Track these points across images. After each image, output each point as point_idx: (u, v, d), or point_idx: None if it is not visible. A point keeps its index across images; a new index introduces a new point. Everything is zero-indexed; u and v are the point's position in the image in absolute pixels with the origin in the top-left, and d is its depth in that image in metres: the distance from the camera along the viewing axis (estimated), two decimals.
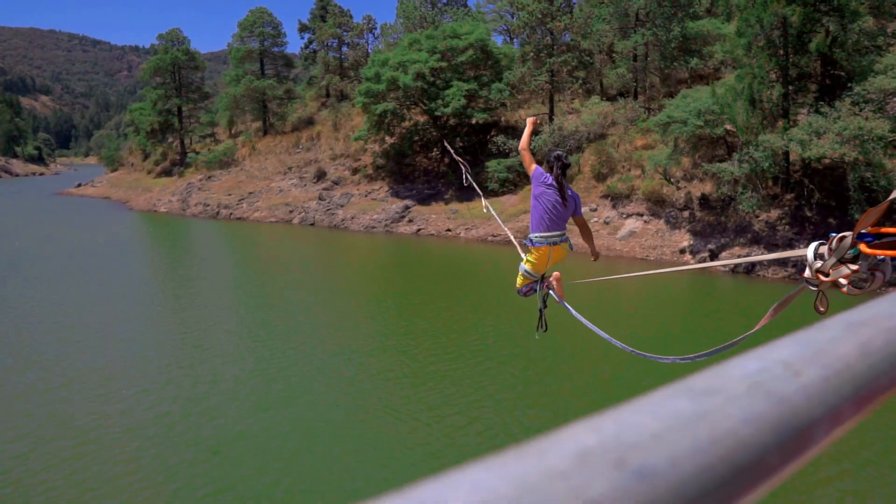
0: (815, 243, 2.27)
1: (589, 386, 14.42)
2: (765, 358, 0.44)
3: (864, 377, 0.46)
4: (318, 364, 15.93)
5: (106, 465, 10.75)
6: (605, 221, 32.32)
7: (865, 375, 0.46)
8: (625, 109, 37.73)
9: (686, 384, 0.40)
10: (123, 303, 22.30)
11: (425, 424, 12.40)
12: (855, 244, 2.08)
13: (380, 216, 40.72)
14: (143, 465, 10.79)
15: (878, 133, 23.49)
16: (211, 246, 38.51)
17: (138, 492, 9.99)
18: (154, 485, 10.20)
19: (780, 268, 25.38)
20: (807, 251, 2.29)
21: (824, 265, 2.19)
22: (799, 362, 0.44)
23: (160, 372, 15.17)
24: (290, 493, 10.09)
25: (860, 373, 0.46)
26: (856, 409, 0.44)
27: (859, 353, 0.48)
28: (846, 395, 0.44)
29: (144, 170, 68.77)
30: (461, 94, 40.59)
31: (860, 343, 0.49)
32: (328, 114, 56.93)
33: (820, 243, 2.25)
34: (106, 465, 10.75)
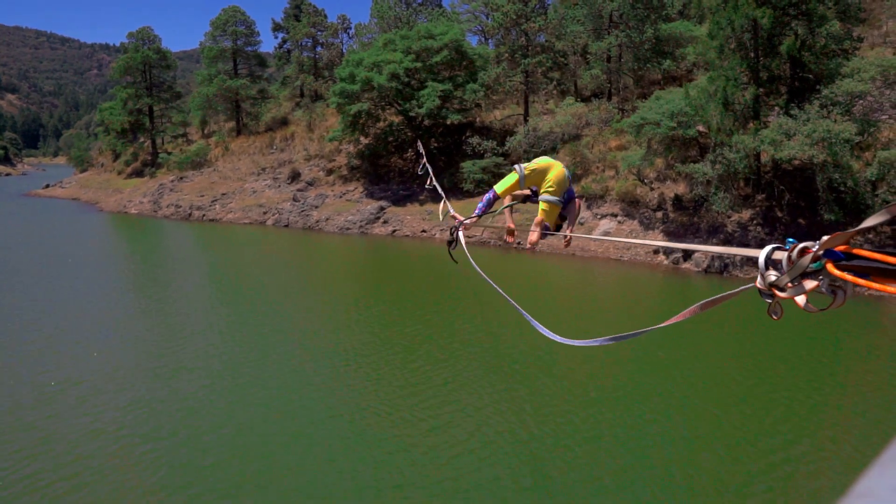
0: (769, 248, 2.01)
1: (572, 383, 14.40)
2: None
3: None
4: (293, 370, 15.72)
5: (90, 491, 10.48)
6: (580, 222, 32.43)
7: None
8: (599, 110, 37.95)
9: None
10: (92, 310, 21.84)
11: (406, 423, 12.28)
12: (818, 259, 1.89)
13: (354, 217, 40.47)
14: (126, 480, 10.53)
15: (846, 135, 23.88)
16: (183, 248, 37.94)
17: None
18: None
19: (752, 268, 25.65)
20: (758, 255, 2.05)
21: (780, 279, 1.98)
22: None
23: (126, 378, 14.85)
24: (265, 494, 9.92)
25: None
26: None
27: None
28: None
29: (115, 170, 67.68)
30: (436, 95, 40.50)
31: None
32: (302, 114, 56.50)
33: (775, 247, 2.01)
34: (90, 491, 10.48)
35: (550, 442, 11.74)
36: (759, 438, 11.77)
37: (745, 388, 14.32)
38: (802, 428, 12.16)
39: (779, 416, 12.70)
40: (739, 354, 16.95)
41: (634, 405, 13.31)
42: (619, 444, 11.65)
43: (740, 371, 15.51)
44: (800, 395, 13.74)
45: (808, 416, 12.72)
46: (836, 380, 14.96)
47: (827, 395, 13.91)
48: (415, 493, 10.15)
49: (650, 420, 12.66)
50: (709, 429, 12.40)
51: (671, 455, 11.25)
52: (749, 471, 10.67)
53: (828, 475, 10.54)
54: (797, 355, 16.51)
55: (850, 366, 16.02)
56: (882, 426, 12.11)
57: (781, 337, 17.93)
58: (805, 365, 15.82)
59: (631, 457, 11.16)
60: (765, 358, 16.39)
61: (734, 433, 12.08)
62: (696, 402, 13.64)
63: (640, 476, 10.52)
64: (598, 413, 12.93)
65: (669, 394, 13.98)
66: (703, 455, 11.31)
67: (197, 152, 56.76)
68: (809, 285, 1.89)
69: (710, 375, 15.30)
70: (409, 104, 41.66)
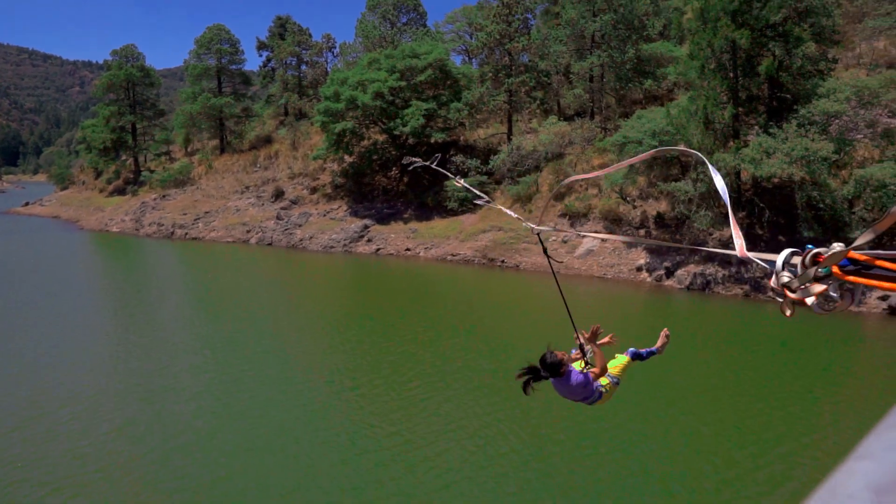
0: (788, 251, 2.18)
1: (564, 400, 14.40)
2: None
3: None
4: (279, 389, 15.60)
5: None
6: (564, 241, 32.61)
7: None
8: (582, 129, 38.31)
9: None
10: (74, 331, 21.58)
11: (390, 435, 12.21)
12: (827, 263, 2.02)
13: (338, 236, 40.40)
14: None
15: (823, 154, 24.30)
16: (166, 267, 37.63)
17: None
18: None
19: (734, 284, 25.91)
20: (777, 259, 2.20)
21: (791, 281, 2.12)
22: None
23: (105, 396, 14.66)
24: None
25: None
26: None
27: None
28: None
29: (96, 188, 67.15)
30: (420, 114, 40.72)
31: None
32: (286, 132, 56.51)
33: (793, 252, 2.17)
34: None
35: (549, 460, 11.72)
36: (747, 444, 11.84)
37: (735, 401, 14.41)
38: (784, 433, 12.26)
39: (763, 424, 12.80)
40: (726, 370, 17.06)
41: (627, 418, 13.35)
42: (616, 455, 11.67)
43: (728, 385, 15.61)
44: (784, 404, 13.86)
45: (786, 423, 12.83)
46: (820, 391, 15.11)
47: (806, 405, 14.04)
48: None
49: (640, 430, 12.69)
50: (702, 438, 12.45)
51: (668, 465, 11.28)
52: (741, 470, 10.72)
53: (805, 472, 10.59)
54: (780, 367, 16.66)
55: (827, 377, 16.19)
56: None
57: (766, 351, 18.09)
58: (784, 376, 15.96)
59: (629, 466, 11.17)
60: (750, 372, 16.52)
61: (725, 441, 12.14)
62: (687, 413, 13.70)
63: (638, 486, 10.53)
64: (594, 427, 12.94)
65: (661, 406, 14.03)
66: (698, 463, 11.35)
67: (180, 170, 56.50)
68: (817, 288, 2.00)
69: (698, 390, 15.38)
70: (393, 123, 41.83)
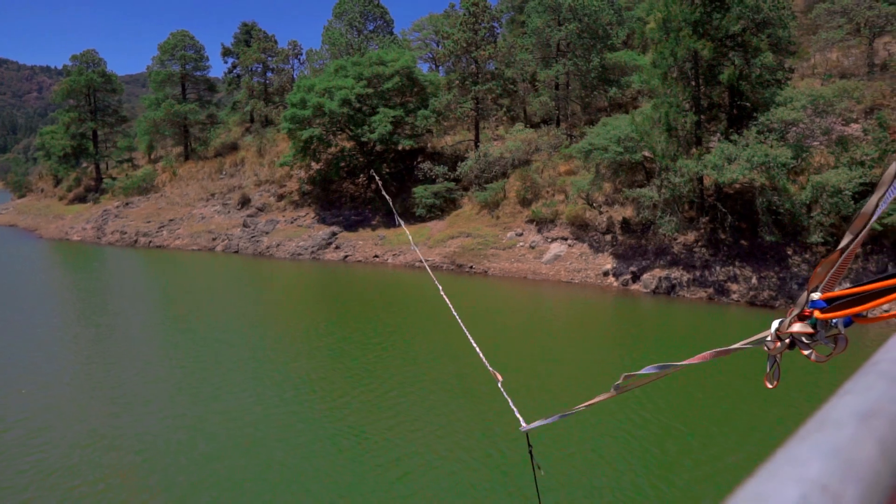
0: (776, 323, 2.42)
1: (538, 403, 14.53)
2: (802, 480, 0.43)
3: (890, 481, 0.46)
4: (249, 397, 15.47)
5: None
6: (531, 246, 32.94)
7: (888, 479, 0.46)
8: (548, 136, 38.78)
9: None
10: (35, 343, 21.09)
11: (356, 446, 12.21)
12: (811, 314, 2.24)
13: (306, 243, 40.18)
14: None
15: (782, 160, 25.03)
16: (131, 276, 36.96)
17: None
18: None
19: (698, 288, 26.45)
20: (771, 326, 2.44)
21: (782, 325, 2.31)
22: (835, 482, 0.43)
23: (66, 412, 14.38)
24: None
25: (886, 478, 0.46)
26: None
27: (878, 453, 0.48)
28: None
29: (56, 196, 65.65)
30: (388, 121, 40.79)
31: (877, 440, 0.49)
32: (252, 139, 56.03)
33: (780, 321, 2.40)
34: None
35: (521, 462, 11.84)
36: (724, 455, 12.11)
37: (704, 399, 14.71)
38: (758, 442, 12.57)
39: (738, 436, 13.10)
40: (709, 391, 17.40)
41: (602, 424, 13.55)
42: (590, 461, 11.83)
43: (695, 384, 15.93)
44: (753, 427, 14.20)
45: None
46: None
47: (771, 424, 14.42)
48: None
49: (617, 437, 12.90)
50: (676, 448, 12.70)
51: (638, 463, 11.48)
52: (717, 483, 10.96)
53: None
54: (744, 366, 17.08)
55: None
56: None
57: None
58: (748, 374, 16.37)
59: (602, 473, 11.34)
60: (715, 372, 16.90)
61: (701, 451, 12.40)
62: (659, 425, 13.95)
63: (613, 489, 10.69)
64: (566, 433, 13.10)
65: (631, 407, 14.27)
66: (672, 473, 11.57)
67: (143, 178, 55.60)
68: (807, 330, 2.22)
69: (666, 390, 15.68)
70: (360, 130, 41.81)
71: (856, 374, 0.66)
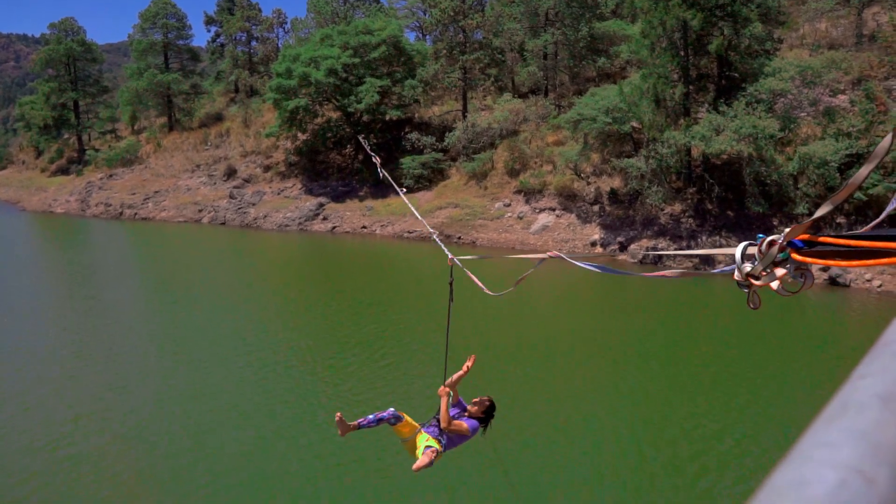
0: (743, 244, 2.40)
1: (532, 371, 14.68)
2: (837, 465, 0.44)
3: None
4: (248, 373, 15.51)
5: None
6: (519, 216, 32.97)
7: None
8: (536, 107, 38.58)
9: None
10: (20, 319, 20.97)
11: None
12: (784, 249, 2.23)
13: (293, 214, 39.98)
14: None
15: (770, 131, 25.10)
16: (117, 248, 36.67)
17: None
18: None
19: (684, 258, 26.63)
20: (735, 251, 2.42)
21: (754, 268, 2.33)
22: (867, 466, 0.44)
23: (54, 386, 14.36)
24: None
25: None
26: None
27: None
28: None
29: (38, 168, 64.68)
30: (374, 91, 40.37)
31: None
32: (237, 110, 55.34)
33: (749, 244, 2.38)
34: None
35: (513, 432, 11.97)
36: (713, 414, 12.33)
37: (690, 368, 14.93)
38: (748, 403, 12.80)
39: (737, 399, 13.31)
40: (693, 341, 17.62)
41: (584, 390, 13.72)
42: (576, 425, 12.01)
43: (680, 351, 16.15)
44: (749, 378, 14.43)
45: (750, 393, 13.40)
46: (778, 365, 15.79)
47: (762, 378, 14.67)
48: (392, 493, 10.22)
49: (599, 400, 13.08)
50: (660, 409, 12.90)
51: (625, 431, 11.67)
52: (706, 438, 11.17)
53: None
54: (729, 336, 17.31)
55: (783, 351, 16.90)
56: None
57: (715, 321, 18.74)
58: (733, 343, 16.60)
59: (586, 435, 11.52)
60: (701, 340, 17.12)
61: (686, 412, 12.61)
62: (646, 385, 14.15)
63: (595, 454, 10.88)
64: (557, 400, 13.26)
65: (621, 375, 14.46)
66: (657, 432, 11.76)
67: (127, 149, 54.85)
68: (780, 272, 2.22)
69: (652, 357, 15.88)
70: (347, 100, 41.39)
71: (868, 355, 0.66)
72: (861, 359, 0.66)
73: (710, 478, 10.36)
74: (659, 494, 9.95)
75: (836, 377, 13.26)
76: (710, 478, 10.36)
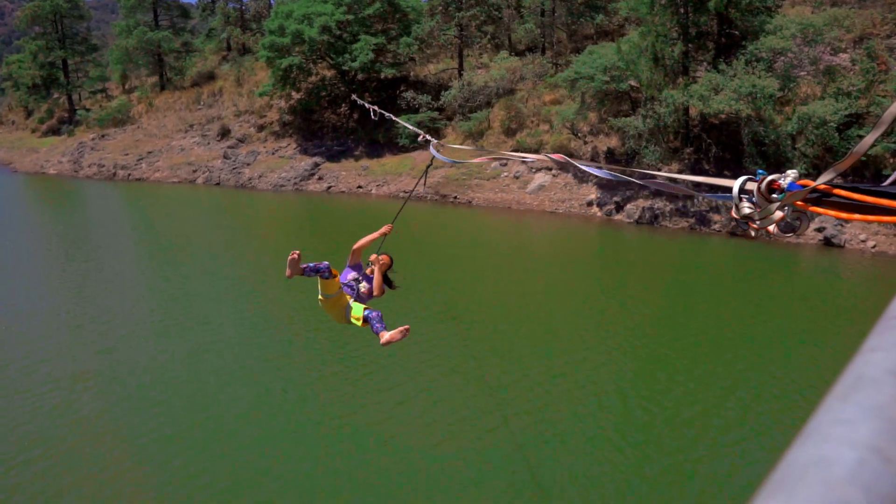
0: (742, 178, 2.32)
1: (524, 329, 14.81)
2: (855, 443, 0.44)
3: None
4: (247, 337, 15.59)
5: None
6: (515, 176, 32.83)
7: None
8: (533, 65, 38.11)
9: (800, 501, 0.39)
10: (18, 280, 20.95)
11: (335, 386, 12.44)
12: (783, 191, 2.21)
13: (288, 174, 39.71)
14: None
15: (769, 90, 24.87)
16: (112, 210, 36.47)
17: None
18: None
19: (680, 218, 26.68)
20: (733, 184, 2.34)
21: (753, 213, 2.29)
22: (886, 444, 0.44)
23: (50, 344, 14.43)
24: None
25: None
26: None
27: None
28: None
29: (28, 128, 63.83)
30: (369, 49, 39.74)
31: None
32: (230, 68, 54.46)
33: (748, 178, 2.30)
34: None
35: (509, 391, 12.13)
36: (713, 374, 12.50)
37: (687, 327, 15.08)
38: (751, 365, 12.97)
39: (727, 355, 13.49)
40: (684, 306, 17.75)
41: (582, 351, 13.87)
42: (578, 380, 12.18)
43: (677, 312, 16.29)
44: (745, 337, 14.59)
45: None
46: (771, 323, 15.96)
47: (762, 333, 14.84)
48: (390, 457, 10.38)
49: (599, 360, 13.24)
50: (652, 370, 13.07)
51: (622, 393, 11.84)
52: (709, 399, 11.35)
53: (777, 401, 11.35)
54: (725, 296, 17.45)
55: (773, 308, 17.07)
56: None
57: (711, 281, 18.86)
58: (729, 303, 16.75)
59: (582, 398, 11.69)
60: (697, 300, 17.26)
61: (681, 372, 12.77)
62: (633, 347, 14.30)
63: (595, 416, 11.05)
64: (553, 355, 13.40)
65: (612, 337, 14.61)
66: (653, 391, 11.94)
67: (118, 109, 54.12)
68: (778, 215, 2.16)
69: (650, 318, 16.02)
70: (341, 58, 40.75)
71: (877, 327, 0.66)
72: (868, 329, 0.66)
73: (713, 434, 10.55)
74: (665, 454, 10.15)
75: (833, 336, 13.39)
76: (713, 434, 10.55)
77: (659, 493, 9.04)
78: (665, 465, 9.66)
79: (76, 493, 9.03)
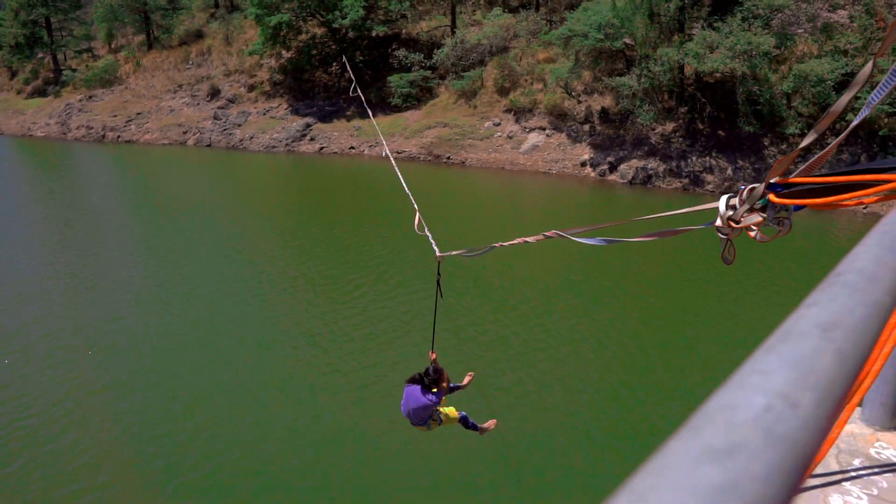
0: (727, 196, 2.52)
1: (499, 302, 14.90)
2: (766, 390, 0.45)
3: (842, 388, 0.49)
4: (241, 302, 15.63)
5: None
6: (509, 136, 32.60)
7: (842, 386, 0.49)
8: (527, 22, 37.46)
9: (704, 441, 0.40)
10: (11, 245, 20.85)
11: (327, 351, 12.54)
12: (765, 194, 2.31)
13: (280, 135, 39.32)
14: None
15: (765, 48, 24.57)
16: (103, 173, 36.13)
17: None
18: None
19: (673, 179, 26.63)
20: (719, 203, 2.56)
21: (736, 213, 2.42)
22: (794, 391, 0.46)
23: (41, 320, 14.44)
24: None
25: (839, 386, 0.49)
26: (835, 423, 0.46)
27: (835, 363, 0.51)
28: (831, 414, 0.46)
29: (13, 89, 62.61)
30: (360, 5, 38.96)
31: (835, 351, 0.52)
32: (219, 26, 53.34)
33: (731, 196, 2.51)
34: None
35: (492, 353, 12.26)
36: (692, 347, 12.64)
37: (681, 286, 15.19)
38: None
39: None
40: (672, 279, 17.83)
41: (584, 308, 13.98)
42: (571, 345, 12.31)
43: (671, 271, 16.39)
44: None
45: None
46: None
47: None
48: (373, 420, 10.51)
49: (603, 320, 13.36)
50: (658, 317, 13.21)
51: (618, 350, 11.98)
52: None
53: None
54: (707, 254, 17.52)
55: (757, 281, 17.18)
56: None
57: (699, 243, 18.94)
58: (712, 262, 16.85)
59: (581, 356, 11.83)
60: (688, 260, 17.35)
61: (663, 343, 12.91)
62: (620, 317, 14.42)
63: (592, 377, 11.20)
64: (554, 344, 13.52)
65: (611, 298, 14.72)
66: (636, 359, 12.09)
67: (105, 69, 53.11)
68: (757, 219, 2.33)
69: (642, 277, 16.12)
70: (331, 15, 39.98)
71: (821, 284, 0.68)
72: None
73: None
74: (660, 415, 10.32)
75: None
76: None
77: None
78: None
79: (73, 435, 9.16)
